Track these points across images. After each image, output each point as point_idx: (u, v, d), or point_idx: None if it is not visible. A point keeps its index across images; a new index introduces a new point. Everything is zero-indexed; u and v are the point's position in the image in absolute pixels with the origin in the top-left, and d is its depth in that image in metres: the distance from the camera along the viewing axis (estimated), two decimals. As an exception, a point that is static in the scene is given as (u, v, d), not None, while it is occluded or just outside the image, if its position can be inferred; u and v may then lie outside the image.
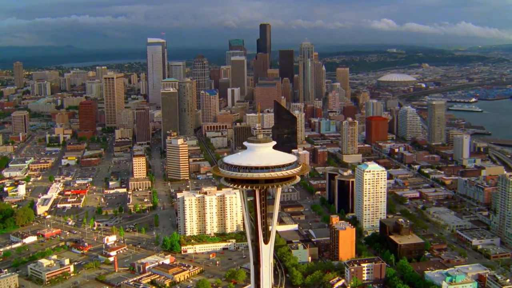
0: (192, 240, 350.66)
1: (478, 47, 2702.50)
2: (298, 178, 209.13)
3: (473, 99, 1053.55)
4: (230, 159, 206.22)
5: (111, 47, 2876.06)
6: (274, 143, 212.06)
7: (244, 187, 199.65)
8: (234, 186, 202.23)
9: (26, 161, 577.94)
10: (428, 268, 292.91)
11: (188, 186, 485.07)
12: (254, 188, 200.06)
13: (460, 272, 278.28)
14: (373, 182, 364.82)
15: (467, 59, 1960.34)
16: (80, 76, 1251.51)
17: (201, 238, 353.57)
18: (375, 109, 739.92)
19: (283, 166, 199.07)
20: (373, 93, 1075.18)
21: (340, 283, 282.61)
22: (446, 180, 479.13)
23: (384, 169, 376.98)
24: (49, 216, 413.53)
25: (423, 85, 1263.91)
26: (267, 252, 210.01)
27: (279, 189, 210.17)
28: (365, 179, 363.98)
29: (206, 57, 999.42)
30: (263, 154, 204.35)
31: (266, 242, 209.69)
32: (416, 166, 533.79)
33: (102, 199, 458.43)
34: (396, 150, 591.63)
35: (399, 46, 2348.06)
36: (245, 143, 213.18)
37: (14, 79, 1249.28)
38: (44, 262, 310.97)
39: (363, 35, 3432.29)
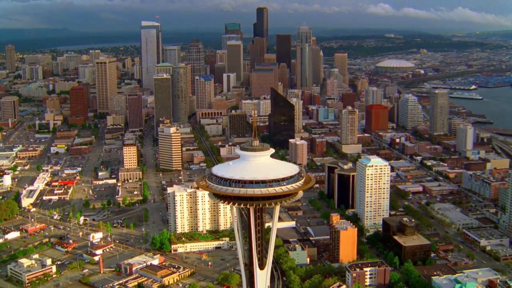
0: (183, 238, 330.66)
1: (475, 33, 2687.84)
2: (301, 193, 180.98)
3: (473, 87, 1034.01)
4: (220, 169, 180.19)
5: (107, 30, 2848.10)
6: (272, 151, 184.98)
7: (236, 204, 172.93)
8: (225, 204, 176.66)
9: (14, 149, 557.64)
10: (435, 273, 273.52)
11: (180, 177, 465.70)
12: (248, 206, 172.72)
13: (469, 278, 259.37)
14: (376, 178, 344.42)
15: (465, 45, 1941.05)
16: (73, 60, 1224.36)
17: (193, 236, 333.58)
18: (375, 97, 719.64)
19: (283, 179, 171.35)
20: (371, 79, 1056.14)
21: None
22: (450, 173, 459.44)
23: (387, 163, 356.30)
24: (34, 209, 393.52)
25: (422, 72, 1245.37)
26: (262, 278, 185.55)
27: (278, 206, 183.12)
28: (367, 174, 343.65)
29: (201, 41, 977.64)
30: (259, 165, 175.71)
31: (262, 267, 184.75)
32: (418, 158, 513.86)
33: (90, 191, 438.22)
34: (397, 140, 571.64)
35: (396, 31, 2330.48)
36: (238, 151, 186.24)
37: (6, 62, 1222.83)
38: (25, 262, 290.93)
39: (360, 20, 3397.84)
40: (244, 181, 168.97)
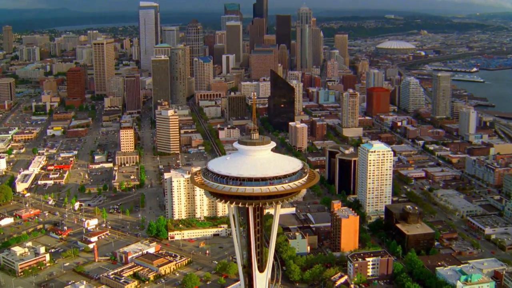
0: (180, 225, 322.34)
1: (476, 15, 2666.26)
2: (304, 191, 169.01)
3: (474, 69, 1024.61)
4: (217, 165, 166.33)
5: (106, 10, 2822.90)
6: (273, 145, 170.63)
7: (234, 203, 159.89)
8: (221, 202, 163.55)
9: (9, 132, 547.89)
10: (439, 263, 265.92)
11: (178, 161, 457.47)
12: (247, 205, 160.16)
13: (475, 270, 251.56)
14: (378, 164, 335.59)
15: (466, 26, 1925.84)
16: (71, 40, 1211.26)
17: (190, 222, 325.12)
18: (376, 79, 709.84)
19: (285, 176, 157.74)
20: (372, 61, 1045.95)
21: (342, 279, 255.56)
22: (453, 158, 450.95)
23: (390, 149, 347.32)
24: (28, 194, 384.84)
25: (423, 53, 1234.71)
26: (262, 282, 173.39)
27: (279, 206, 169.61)
28: (370, 160, 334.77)
29: (200, 21, 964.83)
30: (259, 161, 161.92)
31: (261, 270, 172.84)
32: (420, 142, 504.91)
33: (86, 175, 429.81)
34: (399, 123, 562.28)
35: (396, 12, 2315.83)
36: (236, 145, 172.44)
37: (3, 43, 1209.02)
38: (18, 250, 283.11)
39: (360, 0, 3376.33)
40: (242, 178, 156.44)
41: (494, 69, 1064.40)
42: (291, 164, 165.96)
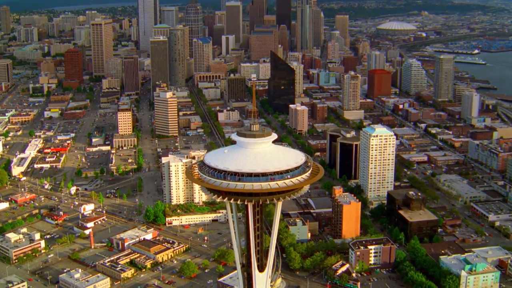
0: (178, 211, 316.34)
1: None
2: (306, 188, 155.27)
3: (476, 51, 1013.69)
4: (214, 158, 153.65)
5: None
6: (275, 136, 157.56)
7: (232, 200, 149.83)
8: (218, 199, 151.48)
9: (6, 114, 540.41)
10: (443, 251, 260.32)
11: (177, 144, 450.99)
12: (246, 202, 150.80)
13: (479, 259, 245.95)
14: (380, 148, 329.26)
15: (467, 7, 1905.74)
16: (70, 21, 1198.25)
17: (188, 207, 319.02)
18: (378, 61, 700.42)
19: (287, 171, 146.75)
20: (372, 42, 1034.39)
21: (344, 268, 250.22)
22: (456, 142, 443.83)
23: (392, 133, 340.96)
24: (24, 178, 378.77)
25: (424, 35, 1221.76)
26: (262, 282, 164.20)
27: (280, 203, 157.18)
28: (372, 145, 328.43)
29: (200, 1, 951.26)
30: (259, 154, 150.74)
31: (261, 269, 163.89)
32: (422, 125, 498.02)
33: (83, 159, 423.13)
34: (401, 106, 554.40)
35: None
36: (234, 137, 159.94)
37: (1, 24, 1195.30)
38: (12, 237, 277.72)
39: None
40: (241, 173, 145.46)
41: (495, 51, 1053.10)
42: (294, 157, 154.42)
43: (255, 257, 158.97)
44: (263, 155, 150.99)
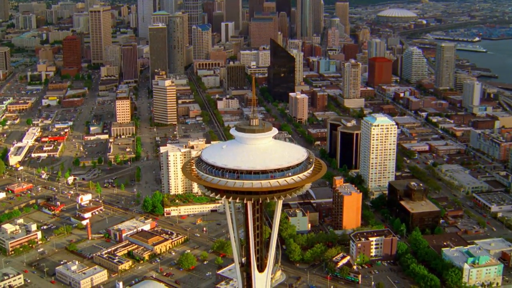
0: (177, 201, 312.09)
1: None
2: (309, 185, 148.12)
3: (477, 39, 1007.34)
4: (211, 154, 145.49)
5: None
6: (275, 131, 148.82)
7: (231, 198, 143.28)
8: (217, 197, 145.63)
9: (4, 102, 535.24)
10: (445, 243, 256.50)
11: (175, 133, 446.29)
12: (245, 201, 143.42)
13: (482, 251, 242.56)
14: (382, 138, 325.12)
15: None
16: (68, 8, 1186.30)
17: (187, 197, 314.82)
18: (378, 49, 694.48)
19: (288, 168, 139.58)
20: (373, 29, 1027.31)
21: (345, 260, 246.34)
22: (457, 131, 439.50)
23: (394, 123, 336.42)
24: (21, 168, 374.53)
25: (424, 22, 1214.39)
26: (262, 282, 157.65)
27: (281, 201, 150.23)
28: (373, 134, 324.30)
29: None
30: (259, 150, 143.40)
31: (261, 269, 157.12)
32: (423, 114, 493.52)
33: (81, 148, 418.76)
34: (401, 94, 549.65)
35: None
36: (233, 132, 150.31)
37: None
38: (9, 228, 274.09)
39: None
40: (240, 170, 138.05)
41: (496, 39, 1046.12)
42: (295, 153, 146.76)
43: (255, 257, 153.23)
44: (263, 151, 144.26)
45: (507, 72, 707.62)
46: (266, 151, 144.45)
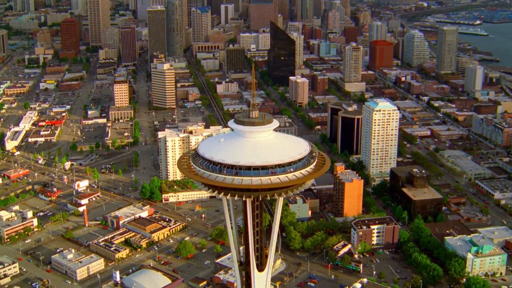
0: (175, 187, 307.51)
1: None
2: (310, 182, 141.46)
3: (478, 22, 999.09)
4: (208, 148, 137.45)
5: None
6: (276, 124, 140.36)
7: (229, 195, 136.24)
8: (214, 193, 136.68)
9: (1, 86, 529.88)
10: (447, 231, 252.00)
11: (174, 116, 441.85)
12: (244, 198, 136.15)
13: (485, 240, 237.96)
14: (383, 123, 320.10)
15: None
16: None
17: (185, 183, 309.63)
18: (379, 32, 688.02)
19: (289, 164, 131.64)
20: (373, 11, 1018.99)
21: (346, 249, 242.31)
22: (459, 116, 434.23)
23: (395, 108, 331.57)
24: (18, 153, 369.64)
25: (425, 4, 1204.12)
26: (262, 282, 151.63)
27: (281, 198, 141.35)
28: (374, 119, 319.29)
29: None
30: (258, 144, 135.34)
31: (261, 269, 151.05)
32: (425, 98, 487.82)
33: (79, 132, 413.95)
34: (403, 78, 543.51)
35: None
36: (231, 125, 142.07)
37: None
38: (4, 215, 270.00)
39: None
40: (239, 166, 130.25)
41: (497, 22, 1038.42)
42: (297, 147, 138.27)
43: (254, 256, 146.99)
44: (263, 145, 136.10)
45: (508, 56, 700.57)
46: (266, 145, 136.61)
